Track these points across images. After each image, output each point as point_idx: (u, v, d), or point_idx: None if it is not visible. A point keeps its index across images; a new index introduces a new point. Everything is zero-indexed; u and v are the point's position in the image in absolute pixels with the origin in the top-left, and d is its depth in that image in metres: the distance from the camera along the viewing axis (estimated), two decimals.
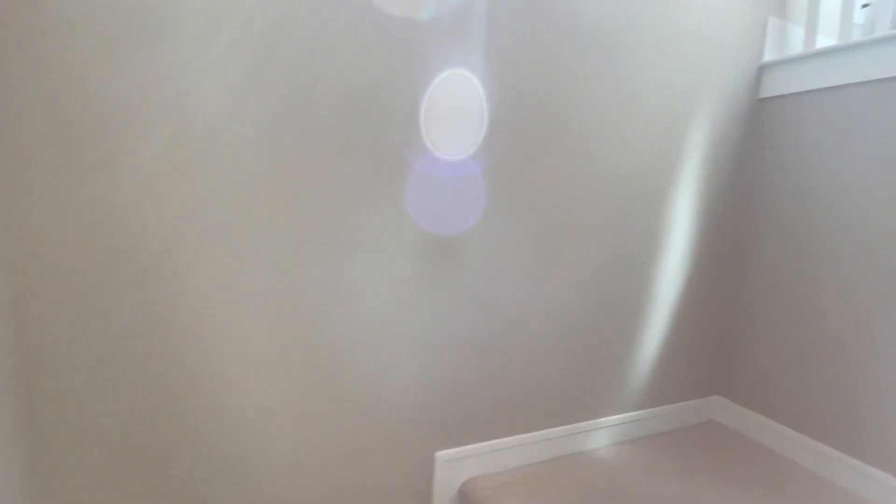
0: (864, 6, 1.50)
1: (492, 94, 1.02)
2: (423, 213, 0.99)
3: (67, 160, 0.71)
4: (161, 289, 0.80)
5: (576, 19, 1.08)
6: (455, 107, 0.99)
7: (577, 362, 1.25)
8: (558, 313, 1.20)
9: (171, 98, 0.76)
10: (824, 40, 1.43)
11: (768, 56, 1.39)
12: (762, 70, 1.39)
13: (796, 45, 1.42)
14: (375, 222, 0.95)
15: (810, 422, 1.28)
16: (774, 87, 1.37)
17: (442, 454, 1.09)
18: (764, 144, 1.41)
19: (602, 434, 1.33)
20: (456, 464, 1.11)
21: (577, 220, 1.18)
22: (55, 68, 0.69)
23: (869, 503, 1.12)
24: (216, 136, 0.80)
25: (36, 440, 0.75)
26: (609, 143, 1.18)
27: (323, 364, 0.94)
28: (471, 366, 1.10)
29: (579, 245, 1.19)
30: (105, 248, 0.75)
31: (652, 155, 1.25)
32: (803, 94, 1.31)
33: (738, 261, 1.48)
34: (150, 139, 0.76)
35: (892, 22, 1.16)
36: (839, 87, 1.23)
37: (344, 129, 0.89)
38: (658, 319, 1.37)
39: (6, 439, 0.70)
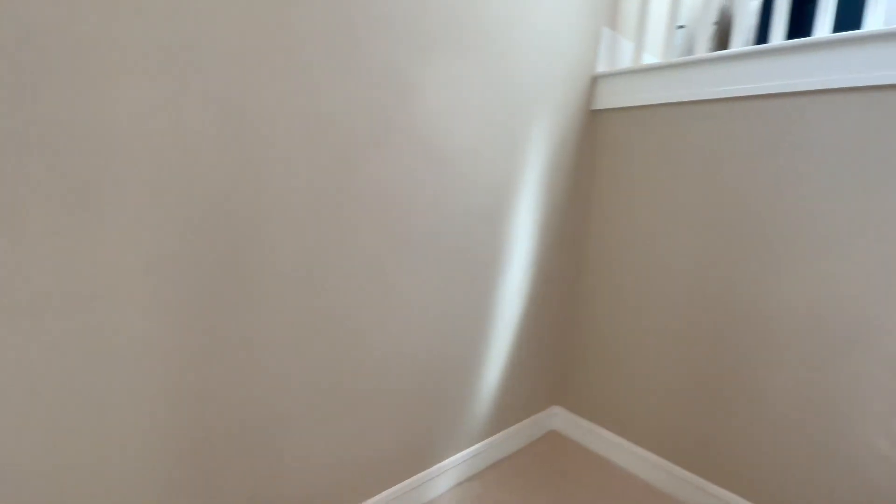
0: (679, 27, 1.59)
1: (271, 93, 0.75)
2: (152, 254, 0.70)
3: None
4: None
5: (401, 17, 0.87)
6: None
7: (415, 407, 1.09)
8: (388, 357, 1.01)
9: None
10: (651, 58, 1.46)
11: (601, 67, 1.36)
12: (595, 81, 1.37)
13: (626, 59, 1.42)
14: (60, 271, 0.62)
15: (640, 432, 1.32)
16: (606, 99, 1.35)
17: None
18: (597, 156, 1.40)
19: (448, 476, 1.20)
20: None
21: (405, 243, 0.99)
22: None
23: None
24: None
25: None
26: (437, 154, 1.02)
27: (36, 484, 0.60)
28: (267, 451, 0.85)
29: (410, 275, 1.01)
30: None
31: (489, 167, 1.13)
32: (631, 109, 1.31)
33: (576, 271, 1.47)
34: None
35: (707, 45, 1.20)
36: (662, 105, 1.24)
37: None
38: (500, 340, 1.28)
39: None
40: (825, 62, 0.98)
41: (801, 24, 1.38)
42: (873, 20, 0.98)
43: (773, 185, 1.06)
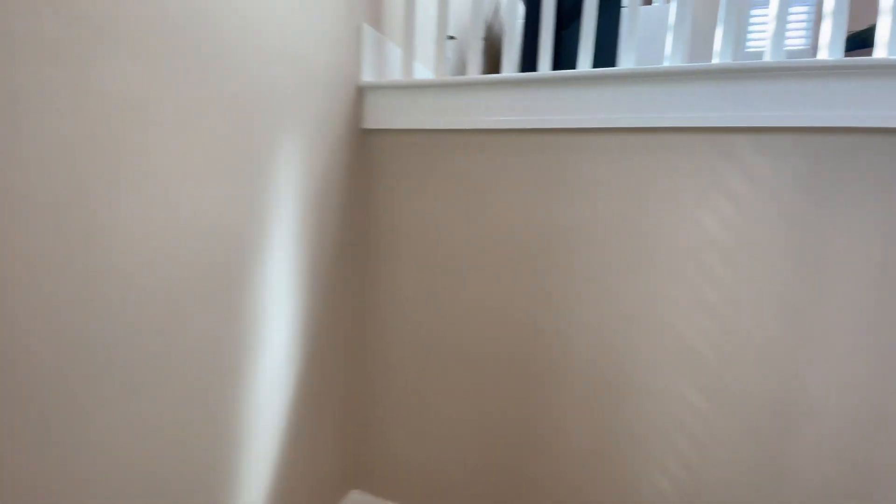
0: (450, 38, 1.45)
1: None
2: None
3: None
4: None
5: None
6: None
7: None
8: None
9: None
10: (422, 68, 1.28)
11: (367, 76, 1.10)
12: (362, 92, 1.10)
13: (396, 68, 1.20)
14: None
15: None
16: (377, 117, 1.10)
17: None
18: (373, 187, 1.15)
19: None
20: None
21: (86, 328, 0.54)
22: None
23: None
24: None
25: None
26: (137, 201, 0.59)
27: None
28: None
29: (113, 379, 0.57)
30: None
31: (219, 214, 0.75)
32: (406, 131, 1.09)
33: (361, 330, 1.20)
34: None
35: (478, 62, 1.06)
36: (438, 130, 1.06)
37: None
38: (265, 443, 0.92)
39: None
40: (589, 98, 0.94)
41: (556, 50, 1.39)
42: (626, 60, 0.97)
43: (555, 226, 0.98)
